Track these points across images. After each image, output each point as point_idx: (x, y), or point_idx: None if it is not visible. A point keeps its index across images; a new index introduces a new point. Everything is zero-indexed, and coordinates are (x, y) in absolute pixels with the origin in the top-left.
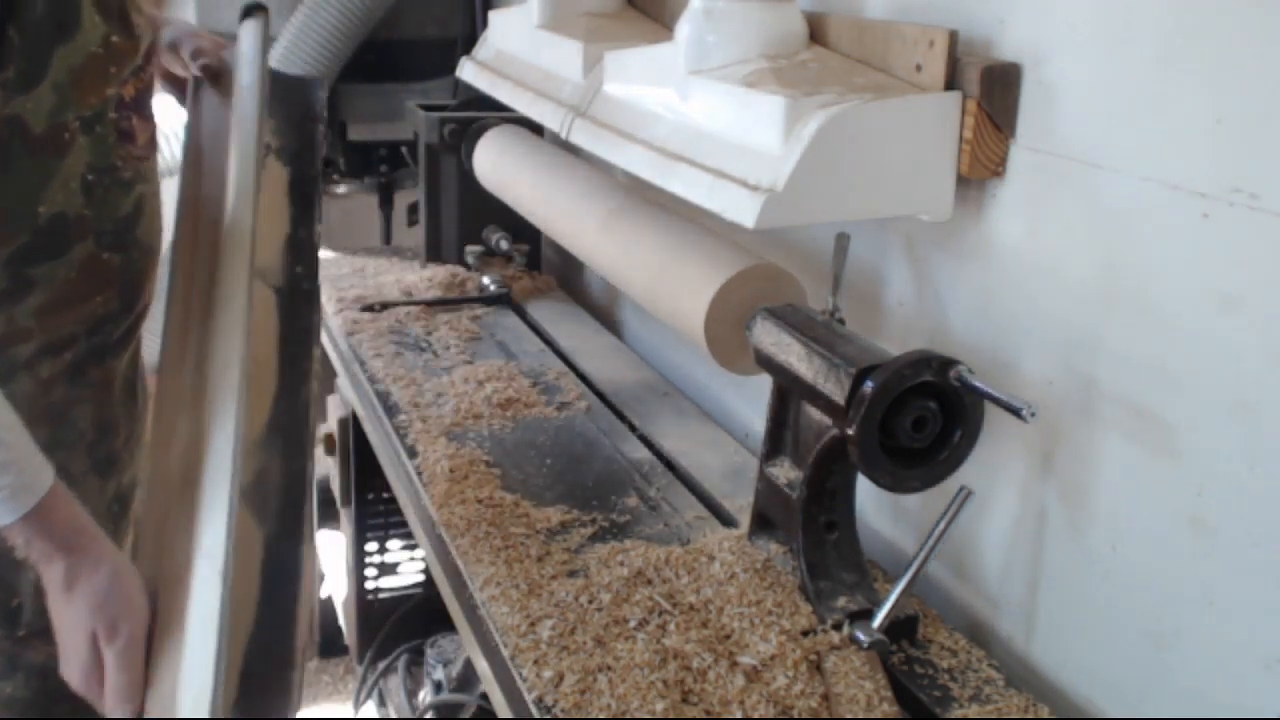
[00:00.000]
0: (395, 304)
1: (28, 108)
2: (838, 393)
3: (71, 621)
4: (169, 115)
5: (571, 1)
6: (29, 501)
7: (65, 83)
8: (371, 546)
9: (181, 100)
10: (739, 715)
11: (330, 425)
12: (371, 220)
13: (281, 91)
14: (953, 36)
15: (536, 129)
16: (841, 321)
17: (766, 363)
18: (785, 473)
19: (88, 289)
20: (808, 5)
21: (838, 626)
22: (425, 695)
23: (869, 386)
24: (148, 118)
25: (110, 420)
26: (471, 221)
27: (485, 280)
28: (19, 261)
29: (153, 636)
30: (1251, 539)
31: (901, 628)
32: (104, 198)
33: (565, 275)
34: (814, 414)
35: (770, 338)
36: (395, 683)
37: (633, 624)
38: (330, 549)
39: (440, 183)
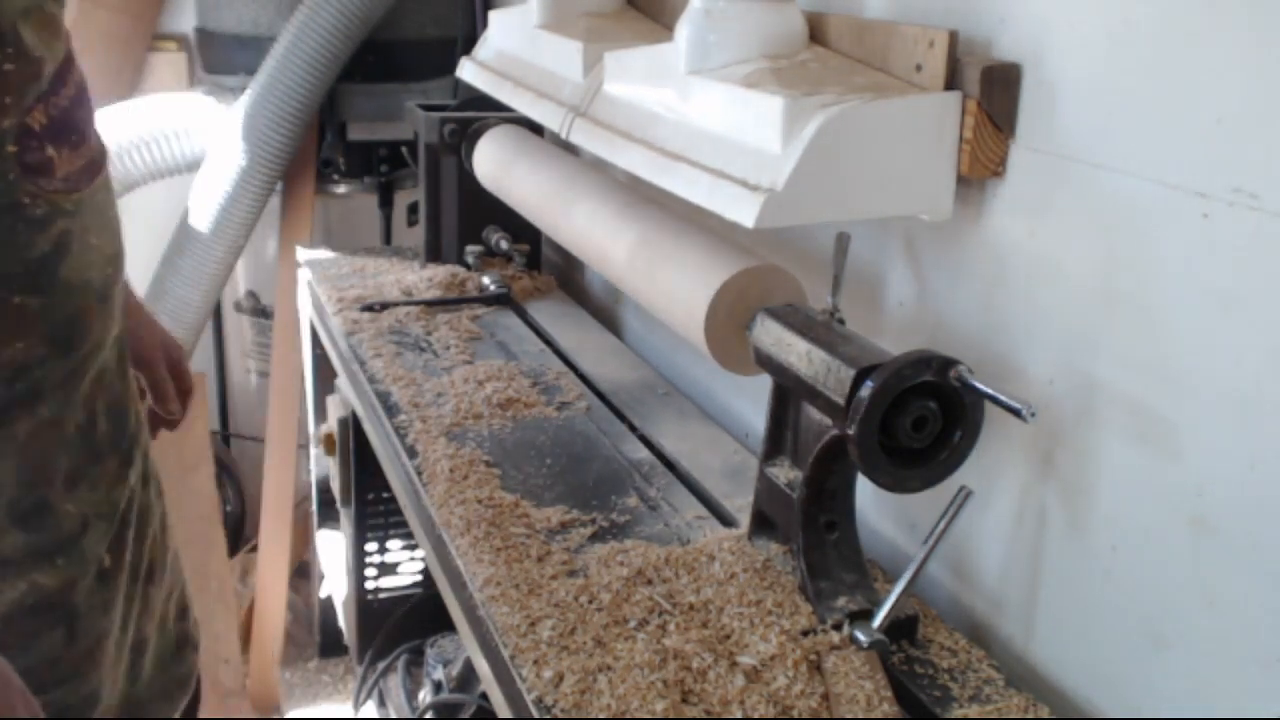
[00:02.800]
0: (395, 304)
1: None
2: (838, 393)
3: None
4: (155, 118)
5: (571, 1)
6: None
7: None
8: (371, 546)
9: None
10: (739, 715)
11: (330, 425)
12: (371, 220)
13: None
14: (953, 36)
15: (536, 129)
16: (841, 321)
17: (766, 363)
18: (785, 473)
19: (1, 337)
20: (808, 5)
21: (838, 626)
22: (425, 695)
23: (869, 386)
24: (76, 144)
25: (42, 471)
26: (471, 221)
27: (485, 280)
28: None
29: None
30: (1251, 539)
31: (901, 628)
32: (7, 238)
33: (565, 275)
34: (814, 414)
35: (770, 338)
36: (395, 683)
37: (633, 624)
38: (330, 549)
39: (440, 183)
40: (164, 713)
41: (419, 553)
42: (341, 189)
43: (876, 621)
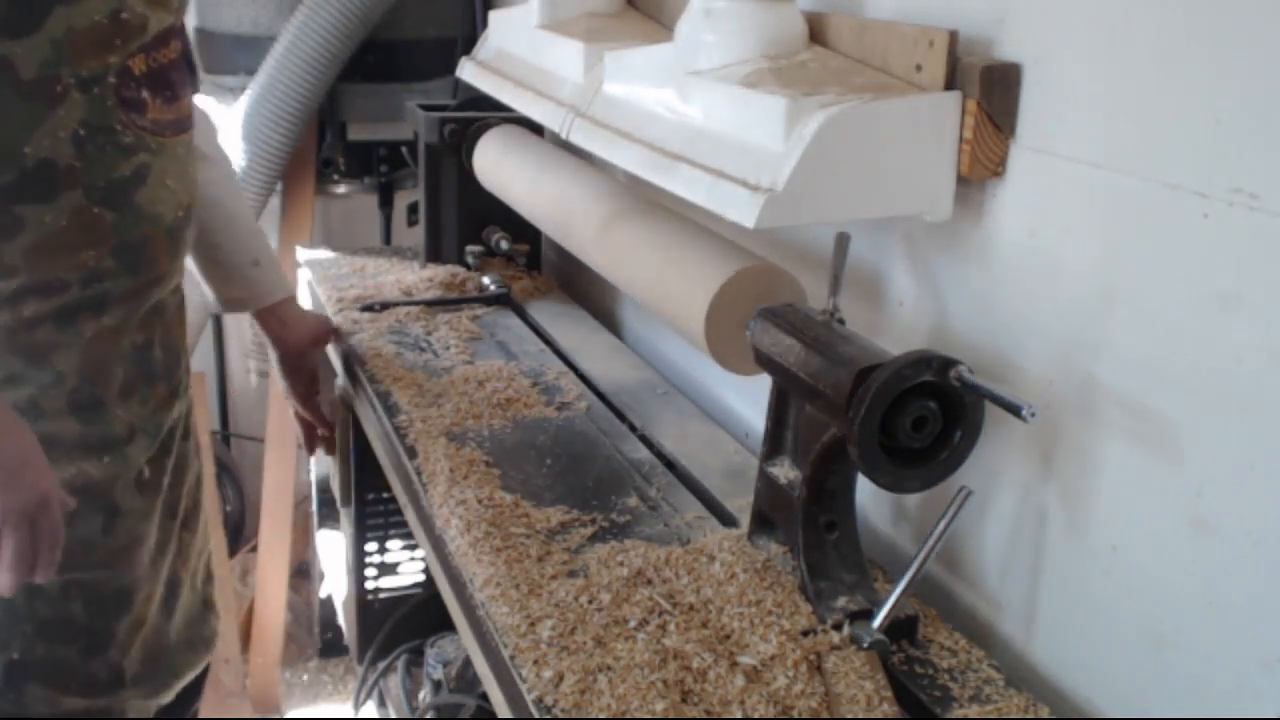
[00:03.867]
0: (395, 304)
1: (16, 52)
2: (838, 393)
3: None
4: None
5: (571, 1)
6: None
7: (63, 40)
8: (371, 546)
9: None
10: (739, 715)
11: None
12: (371, 220)
13: None
14: (953, 36)
15: (536, 129)
16: (841, 321)
17: (766, 363)
18: (785, 473)
19: (78, 240)
20: (808, 5)
21: (838, 626)
22: (425, 695)
23: (869, 386)
24: (169, 99)
25: (102, 372)
26: (471, 221)
27: (485, 280)
28: (6, 199)
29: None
30: (1251, 539)
31: (901, 628)
32: (96, 155)
33: (565, 275)
34: (814, 414)
35: (770, 338)
36: (395, 683)
37: (633, 624)
38: (330, 549)
39: (440, 183)
40: (189, 663)
41: (419, 553)
42: (341, 189)
43: (876, 621)
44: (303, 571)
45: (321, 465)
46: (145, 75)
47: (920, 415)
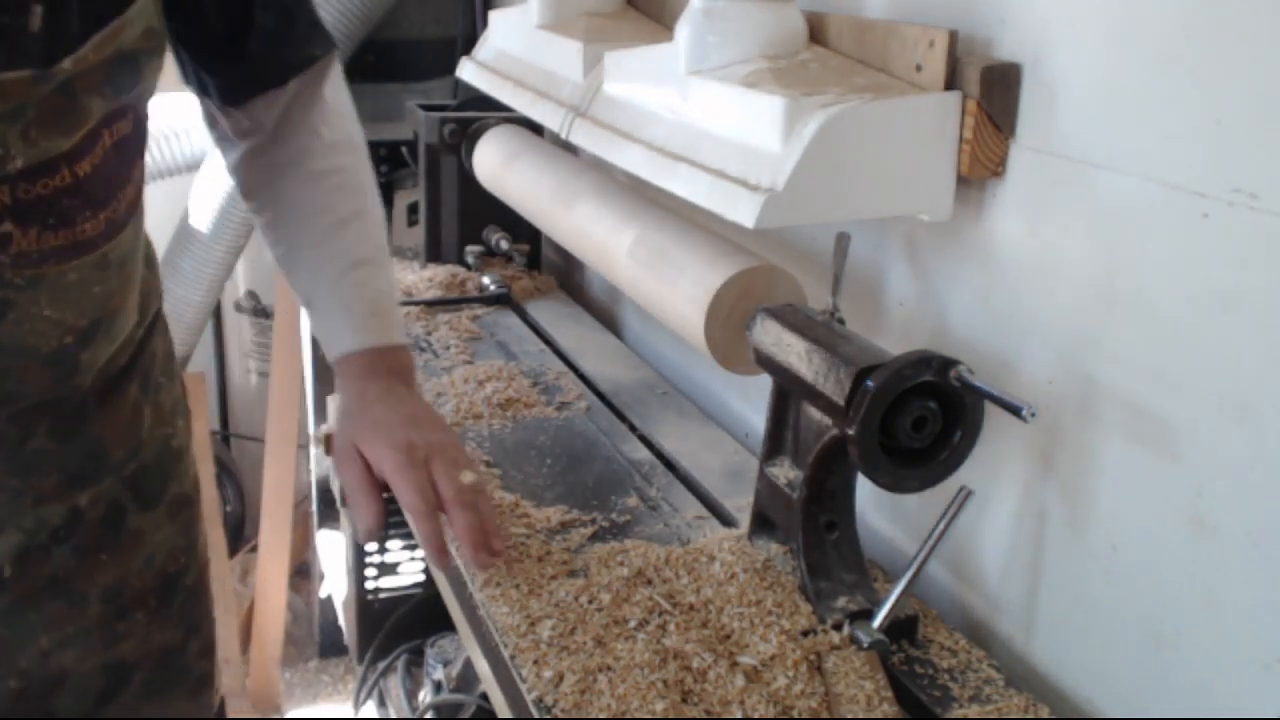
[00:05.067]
0: None
1: None
2: (838, 393)
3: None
4: (155, 118)
5: (571, 1)
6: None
7: None
8: (371, 546)
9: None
10: (739, 715)
11: (330, 425)
12: None
13: None
14: (953, 36)
15: (536, 129)
16: (841, 321)
17: (766, 363)
18: (785, 473)
19: None
20: (808, 5)
21: (838, 626)
22: (425, 695)
23: (869, 386)
24: (53, 227)
25: None
26: (471, 221)
27: (485, 280)
28: None
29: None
30: (1251, 539)
31: (901, 628)
32: None
33: (565, 275)
34: (814, 414)
35: (770, 338)
36: (395, 683)
37: (633, 624)
38: (330, 549)
39: (440, 183)
40: None
41: (419, 553)
42: None
43: (876, 621)
44: (303, 571)
45: (321, 465)
46: (10, 207)
47: (920, 415)
